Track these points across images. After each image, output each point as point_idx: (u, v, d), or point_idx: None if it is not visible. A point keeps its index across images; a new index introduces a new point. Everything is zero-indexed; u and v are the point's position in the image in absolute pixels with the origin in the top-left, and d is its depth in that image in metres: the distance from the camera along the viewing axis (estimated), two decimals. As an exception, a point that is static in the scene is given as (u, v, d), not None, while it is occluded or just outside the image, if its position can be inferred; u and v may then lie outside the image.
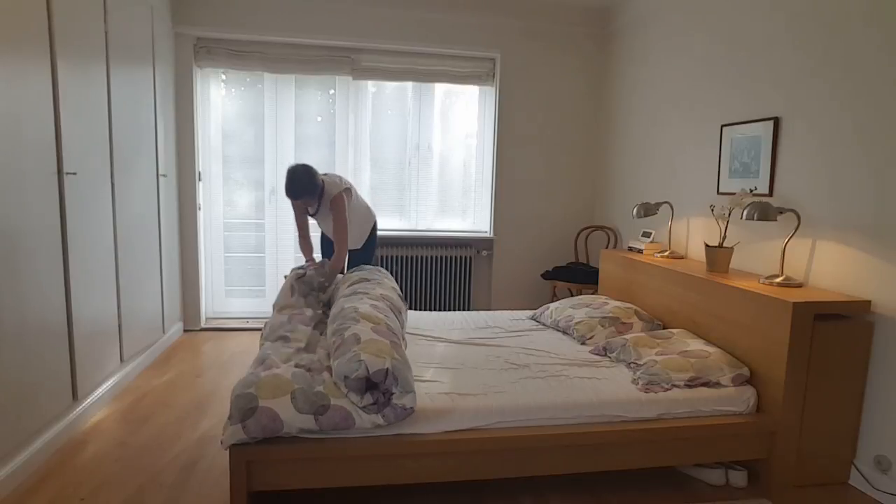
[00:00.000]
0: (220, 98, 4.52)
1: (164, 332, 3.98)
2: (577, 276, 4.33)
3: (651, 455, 2.27)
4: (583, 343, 3.01)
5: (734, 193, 3.08)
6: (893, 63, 2.26)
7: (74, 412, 2.68)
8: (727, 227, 3.06)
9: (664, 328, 3.13)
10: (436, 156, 4.79)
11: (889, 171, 2.28)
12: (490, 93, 4.75)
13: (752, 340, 2.47)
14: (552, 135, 4.78)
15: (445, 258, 4.70)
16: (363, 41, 4.38)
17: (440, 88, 4.72)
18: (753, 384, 2.44)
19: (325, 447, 1.97)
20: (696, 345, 2.62)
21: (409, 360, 2.54)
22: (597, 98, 4.81)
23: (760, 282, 2.66)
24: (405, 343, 2.68)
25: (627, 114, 4.37)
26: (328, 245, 3.66)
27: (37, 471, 2.34)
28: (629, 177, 4.36)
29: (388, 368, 2.00)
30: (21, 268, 2.24)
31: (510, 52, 4.60)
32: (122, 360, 3.25)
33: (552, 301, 4.52)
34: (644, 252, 3.68)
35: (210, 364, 3.71)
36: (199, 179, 4.44)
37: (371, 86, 4.65)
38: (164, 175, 3.95)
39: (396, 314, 2.76)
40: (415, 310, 4.56)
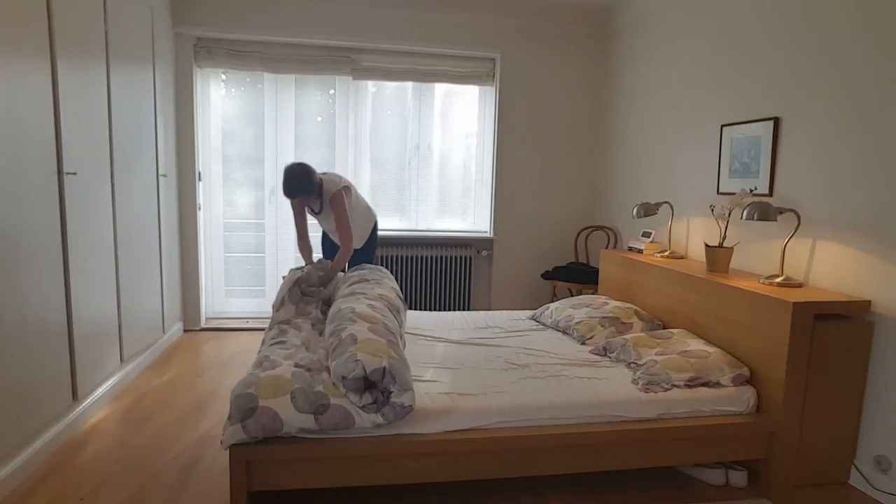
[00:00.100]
0: (220, 98, 4.52)
1: (164, 332, 3.98)
2: (577, 276, 4.33)
3: (651, 455, 2.27)
4: (583, 343, 3.01)
5: (734, 193, 3.08)
6: (893, 63, 2.27)
7: (74, 412, 2.68)
8: (727, 227, 3.06)
9: (664, 328, 3.13)
10: (436, 156, 4.79)
11: (889, 171, 2.28)
12: (490, 93, 4.75)
13: (752, 340, 2.47)
14: (552, 135, 4.78)
15: (445, 258, 4.70)
16: (363, 41, 4.38)
17: (440, 88, 4.72)
18: (753, 384, 2.44)
19: (325, 447, 1.97)
20: (696, 345, 2.62)
21: (409, 360, 2.55)
22: (597, 98, 4.81)
23: (760, 282, 2.66)
24: (404, 342, 2.68)
25: (627, 114, 4.37)
26: (329, 245, 3.65)
27: (37, 471, 2.34)
28: (629, 177, 4.36)
29: (386, 367, 2.00)
30: (21, 268, 2.24)
31: (510, 52, 4.60)
32: (122, 360, 3.26)
33: (552, 301, 4.52)
34: (644, 252, 3.68)
35: (210, 364, 3.71)
36: (199, 179, 4.44)
37: (371, 86, 4.65)
38: (164, 175, 3.95)
39: (395, 314, 2.75)
40: (415, 310, 4.56)
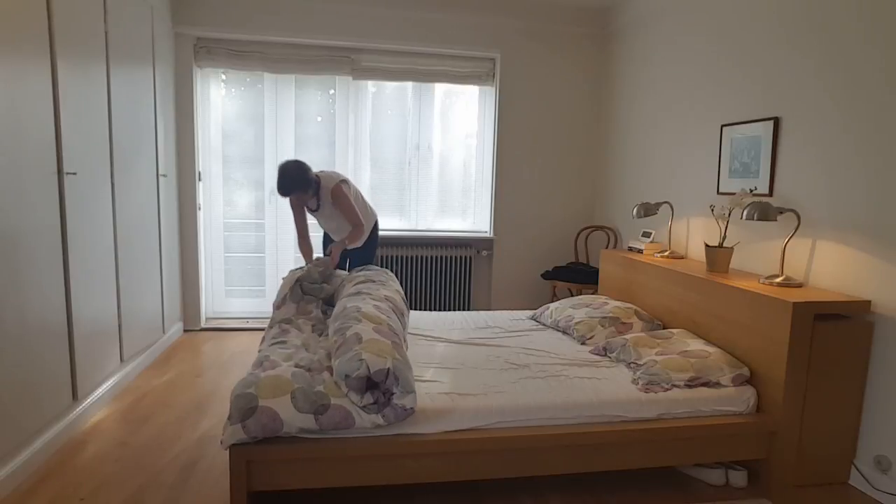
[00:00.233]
0: (220, 98, 4.52)
1: (164, 332, 3.98)
2: (577, 276, 4.33)
3: (651, 455, 2.27)
4: (583, 343, 3.01)
5: (734, 193, 3.08)
6: (893, 63, 2.27)
7: (74, 412, 2.68)
8: (727, 227, 3.06)
9: (664, 328, 3.13)
10: (436, 156, 4.78)
11: (889, 171, 2.28)
12: (490, 93, 4.75)
13: (752, 340, 2.47)
14: (552, 135, 4.78)
15: (445, 258, 4.70)
16: (363, 41, 4.38)
17: (440, 88, 4.72)
18: (753, 384, 2.44)
19: (325, 447, 1.97)
20: (696, 345, 2.62)
21: (410, 360, 2.54)
22: (597, 98, 4.81)
23: (760, 282, 2.66)
24: (406, 345, 2.68)
25: (627, 114, 4.37)
26: (329, 242, 3.65)
27: (37, 471, 2.34)
28: (629, 177, 4.36)
29: (390, 368, 2.00)
30: (21, 268, 2.24)
31: (510, 53, 4.60)
32: (122, 360, 3.25)
33: (552, 301, 4.52)
34: (644, 252, 3.68)
35: (210, 364, 3.71)
36: (199, 179, 4.44)
37: (371, 86, 4.65)
38: (164, 175, 3.95)
39: (399, 316, 2.76)
40: (415, 310, 4.56)
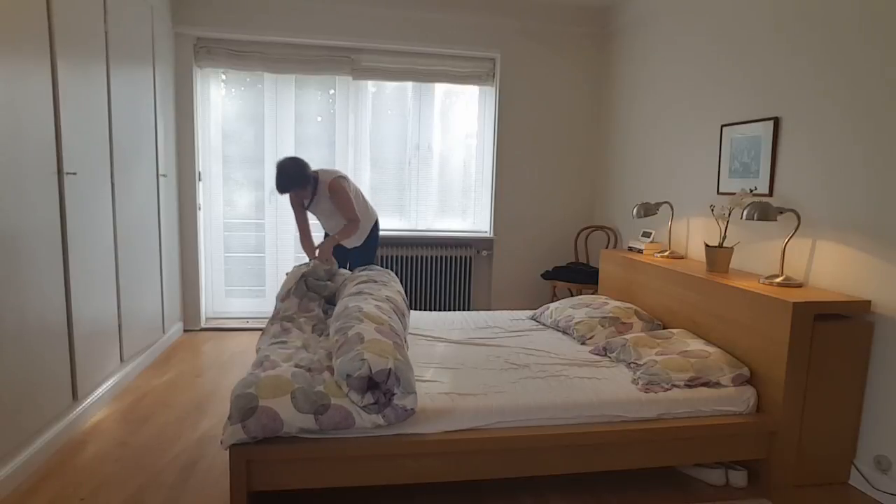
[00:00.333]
0: (220, 98, 4.52)
1: (164, 332, 3.98)
2: (577, 276, 4.33)
3: (651, 455, 2.27)
4: (583, 343, 3.01)
5: (734, 193, 3.08)
6: (893, 63, 2.27)
7: (74, 412, 2.68)
8: (727, 227, 3.06)
9: (664, 328, 3.13)
10: (436, 156, 4.78)
11: (889, 171, 2.28)
12: (490, 93, 4.75)
13: (752, 340, 2.47)
14: (552, 135, 4.78)
15: (445, 258, 4.70)
16: (363, 41, 4.38)
17: (440, 88, 4.72)
18: (753, 384, 2.44)
19: (325, 447, 1.97)
20: (696, 345, 2.62)
21: (410, 361, 2.54)
22: (597, 98, 4.81)
23: (760, 282, 2.66)
24: (407, 345, 2.68)
25: (627, 113, 4.37)
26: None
27: (37, 471, 2.34)
28: (629, 177, 4.36)
29: (391, 369, 2.00)
30: (21, 268, 2.24)
31: (510, 52, 4.60)
32: (122, 360, 3.25)
33: (552, 301, 4.52)
34: (644, 252, 3.68)
35: (210, 364, 3.71)
36: (199, 179, 4.44)
37: (371, 86, 4.65)
38: (164, 175, 3.95)
39: (400, 317, 2.76)
40: (415, 310, 4.56)
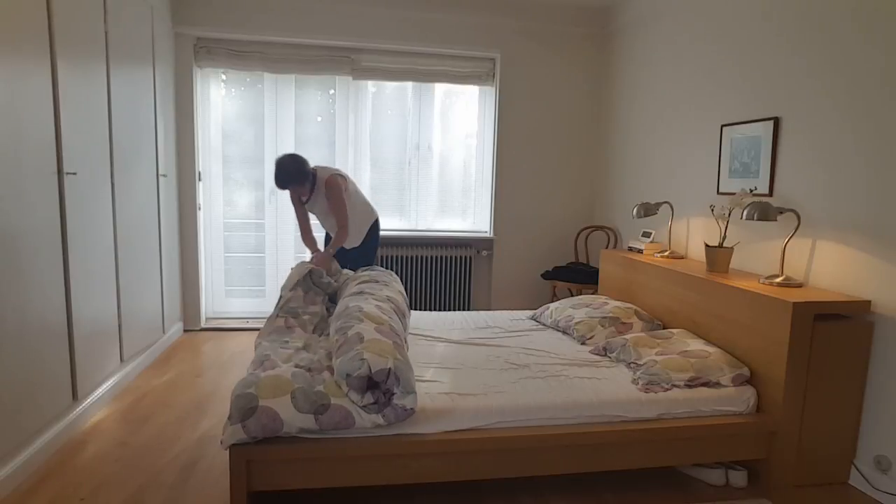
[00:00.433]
0: (220, 98, 4.52)
1: (164, 332, 3.98)
2: (577, 276, 4.33)
3: (651, 455, 2.27)
4: (583, 343, 3.01)
5: (734, 193, 3.08)
6: (893, 63, 2.27)
7: (74, 412, 2.68)
8: (727, 227, 3.06)
9: (664, 328, 3.13)
10: (436, 156, 4.78)
11: (889, 171, 2.28)
12: (490, 93, 4.75)
13: (752, 340, 2.47)
14: (552, 135, 4.78)
15: (445, 258, 4.70)
16: (363, 41, 4.38)
17: (440, 88, 4.72)
18: (753, 384, 2.44)
19: (325, 447, 1.97)
20: (696, 345, 2.62)
21: (410, 361, 2.54)
22: (597, 98, 4.81)
23: (760, 282, 2.66)
24: (407, 346, 2.68)
25: (627, 113, 4.37)
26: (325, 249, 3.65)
27: (37, 471, 2.34)
28: (629, 177, 4.36)
29: (391, 368, 2.00)
30: (21, 268, 2.24)
31: (510, 52, 4.60)
32: (122, 360, 3.25)
33: (552, 301, 4.52)
34: (644, 252, 3.68)
35: (210, 364, 3.71)
36: (199, 179, 4.44)
37: (371, 86, 4.65)
38: (164, 175, 3.95)
39: (400, 317, 2.76)
40: (415, 310, 4.56)
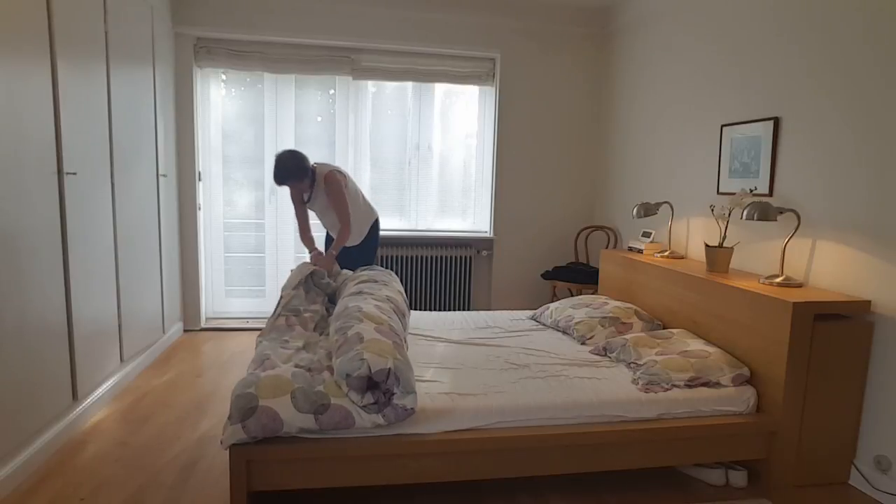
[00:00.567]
0: (220, 98, 4.52)
1: (164, 332, 3.98)
2: (577, 276, 4.33)
3: (651, 455, 2.27)
4: (583, 343, 3.01)
5: (734, 193, 3.08)
6: (893, 63, 2.26)
7: (74, 412, 2.68)
8: (727, 227, 3.06)
9: (664, 328, 3.13)
10: (436, 156, 4.78)
11: (889, 171, 2.28)
12: (490, 93, 4.75)
13: (752, 340, 2.47)
14: (552, 135, 4.78)
15: (445, 258, 4.70)
16: (363, 41, 4.38)
17: (440, 88, 4.72)
18: (753, 384, 2.44)
19: (325, 447, 1.97)
20: (696, 345, 2.62)
21: (410, 361, 2.55)
22: (597, 98, 4.81)
23: (760, 282, 2.66)
24: (407, 345, 2.68)
25: (627, 113, 4.37)
26: (331, 243, 3.64)
27: (37, 471, 2.34)
28: (629, 177, 4.36)
29: (391, 368, 2.00)
30: (21, 268, 2.24)
31: (510, 52, 4.60)
32: (122, 360, 3.25)
33: (552, 301, 4.52)
34: (644, 252, 3.68)
35: (210, 364, 3.71)
36: (199, 179, 4.44)
37: (371, 86, 4.65)
38: (164, 175, 3.95)
39: (399, 317, 2.75)
40: (415, 310, 4.56)
